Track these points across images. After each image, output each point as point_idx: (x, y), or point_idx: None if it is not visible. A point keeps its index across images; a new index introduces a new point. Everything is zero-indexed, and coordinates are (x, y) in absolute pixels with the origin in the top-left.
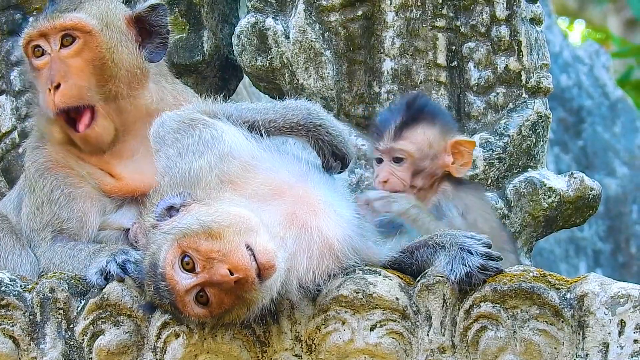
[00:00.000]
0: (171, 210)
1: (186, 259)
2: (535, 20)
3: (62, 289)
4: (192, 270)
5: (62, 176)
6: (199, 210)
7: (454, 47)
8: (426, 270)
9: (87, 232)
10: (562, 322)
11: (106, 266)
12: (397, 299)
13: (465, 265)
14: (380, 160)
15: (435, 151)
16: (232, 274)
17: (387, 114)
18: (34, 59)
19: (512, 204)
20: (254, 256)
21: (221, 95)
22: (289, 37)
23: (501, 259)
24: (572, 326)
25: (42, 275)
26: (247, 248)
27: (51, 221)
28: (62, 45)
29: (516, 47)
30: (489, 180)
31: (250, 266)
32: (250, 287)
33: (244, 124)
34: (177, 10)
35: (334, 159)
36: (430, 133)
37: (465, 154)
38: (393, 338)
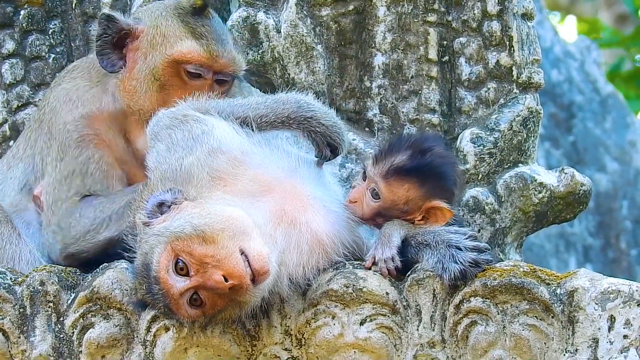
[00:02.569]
0: (162, 206)
1: (180, 264)
2: (526, 16)
3: (52, 282)
4: (186, 274)
5: (102, 154)
6: (191, 212)
7: (445, 42)
8: (416, 265)
9: None
10: (552, 317)
11: None
12: (387, 293)
13: (457, 263)
14: (364, 177)
15: (408, 208)
16: (226, 280)
17: (396, 145)
18: (187, 74)
19: (502, 199)
20: (248, 261)
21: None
22: (280, 32)
23: (489, 249)
24: (562, 321)
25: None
26: (241, 254)
27: (81, 190)
28: (218, 81)
29: (507, 43)
30: (480, 175)
31: (244, 273)
32: (244, 292)
33: (236, 119)
34: None
35: (329, 148)
36: (413, 193)
37: (439, 218)
38: (383, 332)
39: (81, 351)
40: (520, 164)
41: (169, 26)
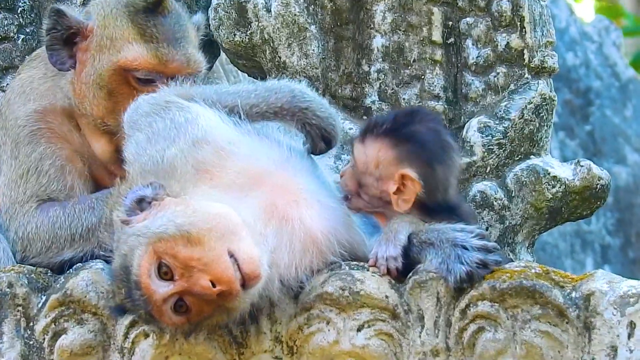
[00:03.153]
0: (142, 202)
1: (164, 268)
2: None
3: (22, 284)
4: (170, 278)
5: (57, 147)
6: (174, 209)
7: (450, 23)
8: (418, 266)
9: None
10: (567, 323)
11: None
12: (386, 297)
13: (463, 264)
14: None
15: (380, 173)
16: (214, 285)
17: (383, 116)
18: (136, 81)
19: (512, 194)
20: (238, 265)
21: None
22: (270, 11)
23: (498, 249)
24: (577, 328)
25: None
26: (230, 256)
27: (37, 192)
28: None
29: (518, 23)
30: (488, 168)
31: (234, 278)
32: (233, 298)
33: (223, 108)
34: None
35: (323, 142)
36: (384, 154)
37: (409, 191)
38: (382, 339)
39: (53, 359)
40: (532, 156)
41: (117, 27)
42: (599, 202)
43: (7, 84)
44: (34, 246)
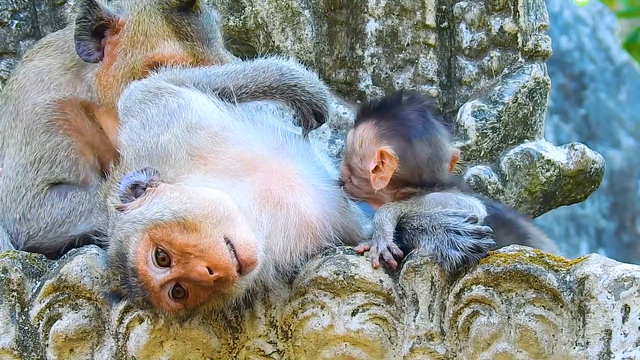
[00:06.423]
0: (136, 188)
1: (161, 255)
2: None
3: (16, 269)
4: (167, 264)
5: (72, 140)
6: (170, 196)
7: (444, 7)
8: (412, 251)
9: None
10: (561, 307)
11: None
12: (381, 281)
13: (457, 249)
14: None
15: (364, 152)
16: (211, 272)
17: (376, 99)
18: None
19: (506, 178)
20: (234, 251)
21: None
22: None
23: (492, 232)
24: (571, 312)
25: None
26: (226, 242)
27: (48, 178)
28: None
29: (512, 7)
30: (482, 152)
31: (231, 264)
32: (230, 284)
33: (213, 91)
34: None
35: (314, 117)
36: (367, 133)
37: (386, 167)
38: (376, 324)
39: (47, 344)
40: (526, 140)
41: (152, 23)
42: (593, 186)
43: (1, 69)
44: (42, 223)
